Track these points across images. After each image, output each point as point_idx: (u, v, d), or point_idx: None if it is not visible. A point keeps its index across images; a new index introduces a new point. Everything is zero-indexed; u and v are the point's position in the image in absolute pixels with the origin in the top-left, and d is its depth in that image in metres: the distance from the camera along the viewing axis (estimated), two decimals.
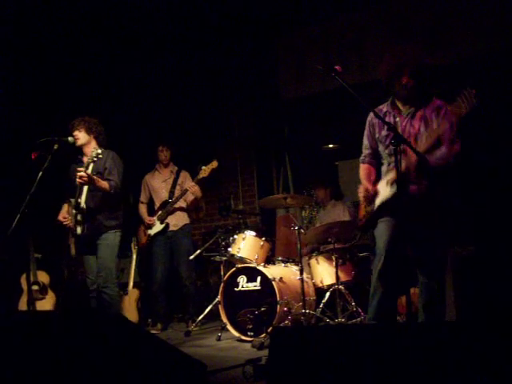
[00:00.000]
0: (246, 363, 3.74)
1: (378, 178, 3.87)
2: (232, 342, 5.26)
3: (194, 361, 2.89)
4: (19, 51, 6.71)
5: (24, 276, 6.02)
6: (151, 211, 6.39)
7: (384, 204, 3.65)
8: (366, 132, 3.91)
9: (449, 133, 3.51)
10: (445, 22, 6.12)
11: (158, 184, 6.41)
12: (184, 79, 7.72)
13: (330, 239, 5.42)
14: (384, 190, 3.65)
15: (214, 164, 5.88)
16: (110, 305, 4.77)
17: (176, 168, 6.48)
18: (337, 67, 3.41)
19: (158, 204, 6.35)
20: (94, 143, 4.97)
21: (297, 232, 5.29)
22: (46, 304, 6.10)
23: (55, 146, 4.54)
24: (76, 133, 4.89)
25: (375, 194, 3.73)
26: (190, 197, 6.20)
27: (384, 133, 3.73)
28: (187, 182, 6.32)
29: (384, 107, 3.81)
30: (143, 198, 6.48)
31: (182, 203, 6.26)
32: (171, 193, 6.30)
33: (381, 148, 3.81)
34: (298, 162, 7.47)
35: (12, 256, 5.88)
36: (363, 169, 3.96)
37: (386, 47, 6.25)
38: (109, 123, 5.21)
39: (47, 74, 6.99)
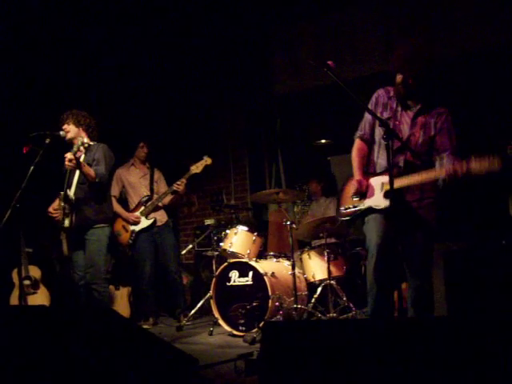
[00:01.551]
0: (237, 358, 3.75)
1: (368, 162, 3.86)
2: (224, 337, 5.27)
3: (185, 355, 2.89)
4: (11, 47, 6.66)
5: (15, 271, 6.00)
6: (123, 206, 6.33)
7: (372, 208, 3.65)
8: (370, 106, 3.80)
9: (448, 142, 3.54)
10: (438, 18, 6.12)
11: (136, 179, 6.35)
12: (176, 73, 7.69)
13: (321, 234, 5.44)
14: (378, 197, 3.62)
15: (208, 161, 5.86)
16: (99, 301, 4.75)
17: (150, 165, 6.47)
18: (329, 62, 3.40)
19: (135, 199, 6.28)
20: (83, 136, 4.95)
21: (289, 227, 5.30)
22: (38, 299, 6.08)
23: (47, 140, 4.51)
24: (65, 126, 4.87)
25: (367, 188, 3.72)
26: (167, 198, 6.21)
27: (385, 115, 3.68)
28: (162, 180, 6.41)
29: (392, 91, 3.74)
30: (116, 192, 6.25)
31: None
32: (151, 189, 6.29)
33: (377, 128, 3.75)
34: (291, 157, 7.47)
35: (3, 250, 5.86)
36: (358, 149, 3.87)
37: (379, 43, 6.30)
38: (99, 118, 5.19)
39: (37, 68, 6.94)
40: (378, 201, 3.62)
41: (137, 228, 6.16)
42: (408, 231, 3.54)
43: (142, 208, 6.18)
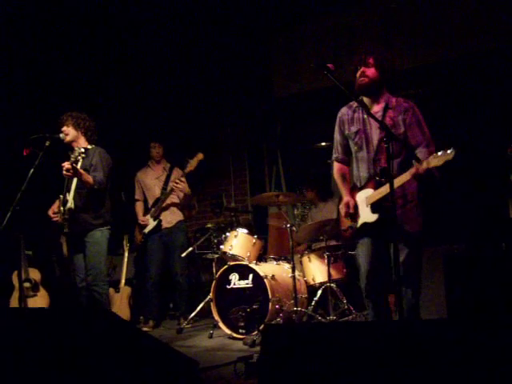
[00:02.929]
0: (237, 360, 3.76)
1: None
2: (224, 340, 5.27)
3: (185, 358, 2.89)
4: (12, 48, 6.66)
5: (15, 273, 6.00)
6: (146, 209, 6.38)
7: (365, 224, 3.67)
8: (336, 129, 3.91)
9: (420, 135, 3.54)
10: (437, 20, 6.12)
11: (151, 181, 6.38)
12: (176, 77, 7.70)
13: (321, 237, 5.44)
14: (367, 213, 3.63)
15: (200, 156, 5.87)
16: (100, 302, 4.76)
17: (169, 165, 6.46)
18: (329, 65, 3.42)
19: (150, 202, 6.34)
20: (82, 139, 4.94)
21: (289, 230, 5.30)
22: (38, 301, 6.08)
23: (47, 143, 4.51)
24: (64, 128, 4.86)
25: (356, 207, 3.73)
26: (180, 193, 6.20)
27: (354, 129, 3.74)
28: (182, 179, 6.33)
29: (354, 103, 3.79)
30: (138, 195, 6.46)
31: (174, 199, 6.25)
32: (164, 190, 6.28)
33: (350, 144, 3.81)
34: (291, 160, 7.48)
35: (3, 253, 5.86)
36: (338, 170, 3.97)
37: (378, 45, 6.30)
38: (101, 119, 5.19)
39: (39, 69, 6.95)
40: (367, 217, 3.63)
41: (146, 230, 6.22)
42: (395, 239, 3.53)
43: (153, 210, 6.22)
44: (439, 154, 3.19)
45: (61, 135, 4.79)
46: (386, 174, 3.54)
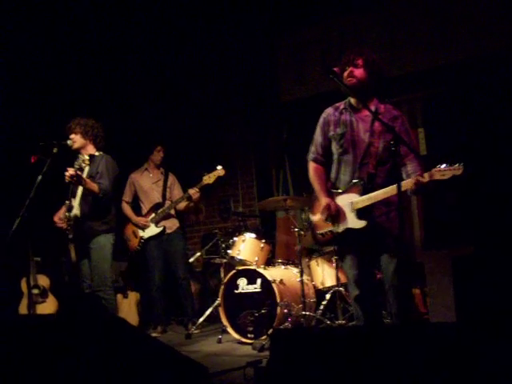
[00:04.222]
0: (246, 365, 3.75)
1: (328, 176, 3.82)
2: (232, 345, 5.27)
3: (195, 363, 2.89)
4: (18, 53, 6.69)
5: (24, 280, 6.01)
6: (135, 211, 6.32)
7: (349, 230, 3.55)
8: (319, 129, 3.81)
9: (409, 146, 3.45)
10: (441, 24, 6.11)
11: (148, 185, 6.32)
12: (182, 81, 7.72)
13: None
14: (352, 219, 3.52)
15: (221, 172, 5.82)
16: (106, 308, 4.76)
17: (164, 170, 6.45)
18: (335, 69, 3.43)
19: (147, 205, 6.26)
20: (90, 146, 4.94)
21: (297, 234, 5.30)
22: (47, 308, 6.08)
23: (54, 150, 4.53)
24: (72, 135, 4.85)
25: (337, 209, 3.58)
26: (182, 204, 6.18)
27: (339, 131, 3.63)
28: (177, 186, 6.36)
29: (341, 104, 3.73)
30: (128, 197, 6.33)
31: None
32: (163, 196, 6.27)
33: (334, 146, 3.71)
34: (298, 164, 7.46)
35: (12, 260, 5.88)
36: (315, 170, 3.86)
37: (385, 49, 6.30)
38: (103, 124, 5.20)
39: (45, 76, 6.97)
40: (353, 223, 3.51)
41: (146, 235, 6.14)
42: (380, 246, 3.52)
43: (153, 215, 6.15)
44: (442, 167, 3.17)
45: (68, 142, 4.79)
46: (374, 180, 3.49)
